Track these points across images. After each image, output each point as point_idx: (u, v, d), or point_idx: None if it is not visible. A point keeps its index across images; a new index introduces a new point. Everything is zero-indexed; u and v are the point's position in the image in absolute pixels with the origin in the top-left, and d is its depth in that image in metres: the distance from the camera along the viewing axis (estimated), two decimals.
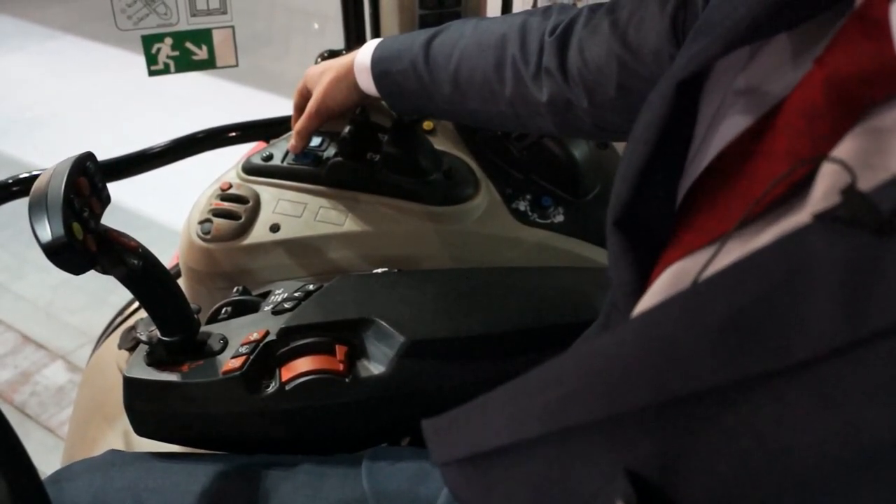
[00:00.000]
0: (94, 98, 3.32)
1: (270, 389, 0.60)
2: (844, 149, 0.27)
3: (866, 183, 0.25)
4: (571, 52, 0.65)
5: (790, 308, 0.24)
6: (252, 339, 0.62)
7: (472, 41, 0.72)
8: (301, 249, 0.82)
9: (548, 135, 0.88)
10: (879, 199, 0.23)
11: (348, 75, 0.82)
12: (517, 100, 0.69)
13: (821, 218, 0.24)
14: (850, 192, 0.24)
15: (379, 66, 0.78)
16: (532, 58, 0.67)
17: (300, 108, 0.88)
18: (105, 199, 0.58)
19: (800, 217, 0.28)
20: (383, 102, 0.82)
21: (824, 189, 0.26)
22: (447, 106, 0.76)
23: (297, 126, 0.85)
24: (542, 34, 0.67)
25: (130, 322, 0.97)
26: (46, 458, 1.57)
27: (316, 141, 0.88)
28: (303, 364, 0.61)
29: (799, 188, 0.29)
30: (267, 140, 1.08)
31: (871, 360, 0.22)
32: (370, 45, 0.80)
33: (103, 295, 2.03)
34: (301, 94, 0.89)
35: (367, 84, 0.80)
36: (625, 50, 0.61)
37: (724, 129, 0.36)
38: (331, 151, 0.87)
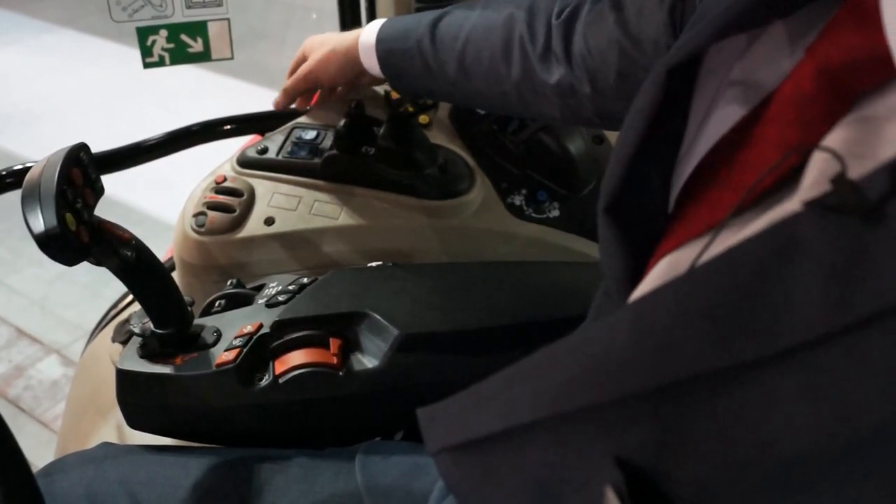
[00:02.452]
0: (90, 92, 3.31)
1: (264, 382, 0.60)
2: (835, 138, 0.27)
3: (856, 171, 0.25)
4: (576, 38, 0.65)
5: (779, 294, 0.24)
6: (246, 331, 0.62)
7: (479, 21, 0.72)
8: (295, 243, 0.81)
9: (549, 121, 0.87)
10: (868, 187, 0.23)
11: (348, 52, 0.82)
12: (523, 81, 0.69)
13: (810, 205, 0.24)
14: (839, 181, 0.24)
15: (383, 45, 0.78)
16: (540, 39, 0.67)
17: (294, 73, 0.90)
18: (98, 191, 0.58)
19: (791, 205, 0.28)
20: (378, 89, 0.82)
21: (814, 177, 0.27)
22: (450, 88, 0.76)
23: (285, 84, 0.87)
24: (550, 16, 0.67)
25: (124, 315, 0.97)
26: (40, 453, 1.57)
27: (311, 134, 0.88)
28: (296, 357, 0.61)
29: (791, 177, 0.29)
30: (262, 133, 1.08)
31: (859, 346, 0.23)
32: (375, 25, 0.80)
33: (98, 289, 2.02)
34: (298, 61, 0.90)
35: (370, 63, 0.80)
36: (626, 38, 0.61)
37: (717, 120, 0.36)
38: (326, 145, 0.87)
